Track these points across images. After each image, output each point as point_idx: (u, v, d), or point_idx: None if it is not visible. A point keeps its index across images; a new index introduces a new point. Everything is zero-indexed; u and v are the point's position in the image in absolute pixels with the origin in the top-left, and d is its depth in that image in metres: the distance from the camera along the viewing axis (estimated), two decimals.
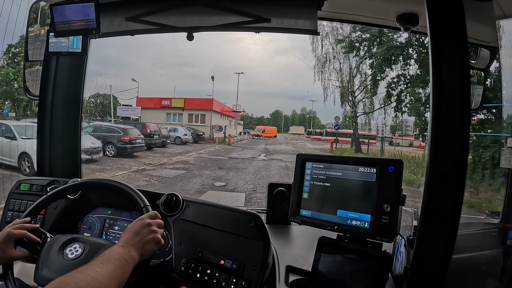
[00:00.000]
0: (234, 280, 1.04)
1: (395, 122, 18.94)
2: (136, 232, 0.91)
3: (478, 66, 1.52)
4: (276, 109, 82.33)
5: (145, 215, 0.98)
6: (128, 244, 0.87)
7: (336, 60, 18.62)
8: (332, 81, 18.94)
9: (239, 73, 44.71)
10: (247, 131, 41.97)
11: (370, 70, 18.37)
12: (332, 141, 22.61)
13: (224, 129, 24.79)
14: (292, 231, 1.49)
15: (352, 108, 19.13)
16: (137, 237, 0.89)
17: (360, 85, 19.01)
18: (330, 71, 18.86)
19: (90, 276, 0.72)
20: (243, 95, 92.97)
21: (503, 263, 1.40)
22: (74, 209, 1.31)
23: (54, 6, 1.28)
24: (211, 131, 24.46)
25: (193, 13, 1.37)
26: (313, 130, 40.78)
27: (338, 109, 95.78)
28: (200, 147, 19.37)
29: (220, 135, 24.15)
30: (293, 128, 54.11)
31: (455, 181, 0.89)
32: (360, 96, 19.06)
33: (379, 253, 1.00)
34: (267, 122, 63.43)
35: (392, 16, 1.40)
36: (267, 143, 26.45)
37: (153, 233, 0.93)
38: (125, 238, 0.89)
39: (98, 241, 0.99)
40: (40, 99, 1.65)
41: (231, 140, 23.48)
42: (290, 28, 1.35)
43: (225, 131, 24.68)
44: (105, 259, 0.80)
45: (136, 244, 0.88)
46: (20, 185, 1.43)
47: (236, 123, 34.90)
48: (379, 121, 20.26)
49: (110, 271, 0.76)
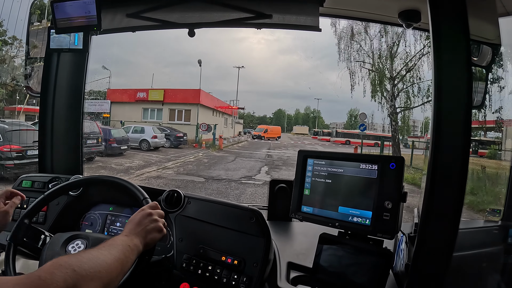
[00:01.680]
0: (236, 276, 1.05)
1: (404, 123, 15.19)
2: (138, 222, 0.92)
3: (480, 63, 1.51)
4: (279, 108, 78.52)
5: (145, 205, 0.99)
6: (131, 233, 0.88)
7: (366, 37, 13.72)
8: (358, 64, 13.80)
9: (239, 67, 39.56)
10: (248, 131, 38.07)
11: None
12: (354, 144, 19.17)
13: (214, 129, 19.12)
14: (293, 228, 1.49)
15: (390, 101, 13.85)
16: (139, 227, 0.91)
17: (403, 68, 13.65)
18: (357, 51, 14.08)
19: (91, 254, 0.73)
20: (246, 94, 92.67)
21: (504, 261, 1.41)
22: (75, 205, 1.32)
23: (55, 2, 1.28)
24: (196, 132, 19.22)
25: (194, 9, 1.37)
26: (320, 130, 37.03)
27: (344, 108, 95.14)
28: (176, 154, 14.35)
29: (209, 137, 19.46)
30: (296, 127, 51.52)
31: (456, 179, 0.89)
32: (399, 85, 13.94)
33: (380, 250, 1.01)
34: (270, 122, 60.62)
35: (394, 12, 1.40)
36: (270, 147, 21.43)
37: (155, 222, 0.94)
38: (127, 229, 0.90)
39: (100, 237, 1.00)
40: (42, 96, 1.65)
41: (222, 143, 18.76)
42: (292, 24, 1.34)
43: (214, 132, 19.21)
44: (108, 244, 0.80)
45: (139, 234, 0.89)
46: (22, 181, 1.44)
47: (233, 121, 30.19)
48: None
49: (113, 253, 0.77)
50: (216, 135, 19.33)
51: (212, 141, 19.10)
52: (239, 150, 18.28)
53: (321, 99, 52.07)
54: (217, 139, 18.97)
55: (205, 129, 18.77)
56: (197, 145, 18.30)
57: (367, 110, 76.48)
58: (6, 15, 5.37)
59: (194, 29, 1.39)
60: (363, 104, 49.75)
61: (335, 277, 1.04)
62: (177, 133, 17.61)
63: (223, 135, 19.70)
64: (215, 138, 19.10)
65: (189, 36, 1.39)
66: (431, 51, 0.94)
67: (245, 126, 42.65)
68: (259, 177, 9.90)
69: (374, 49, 13.98)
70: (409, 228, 1.17)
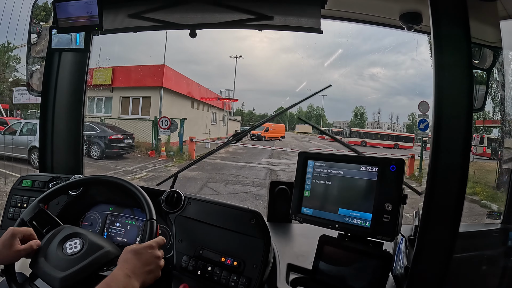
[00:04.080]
0: (235, 278, 1.05)
1: (412, 121, 13.16)
2: (145, 262, 0.90)
3: (481, 66, 1.51)
4: (280, 106, 78.79)
5: (155, 242, 0.96)
6: (134, 274, 0.86)
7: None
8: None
9: (237, 57, 33.51)
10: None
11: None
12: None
13: (179, 128, 12.11)
14: (293, 229, 1.49)
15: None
16: (144, 268, 0.89)
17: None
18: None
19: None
20: (248, 93, 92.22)
21: (504, 264, 1.41)
22: (75, 205, 1.32)
23: (57, 2, 1.28)
24: (154, 131, 12.15)
25: (196, 10, 1.37)
26: (329, 129, 32.87)
27: (346, 107, 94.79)
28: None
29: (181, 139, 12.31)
30: (300, 126, 47.14)
31: (456, 181, 0.89)
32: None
33: (380, 252, 1.00)
34: (271, 120, 59.78)
35: (396, 15, 1.40)
36: (272, 154, 14.70)
37: (158, 268, 0.93)
38: (132, 265, 0.88)
39: (98, 242, 0.99)
40: (43, 96, 1.65)
41: (194, 150, 11.57)
42: (293, 26, 1.34)
43: (181, 132, 12.20)
44: (107, 284, 0.80)
45: (141, 275, 0.88)
46: (22, 181, 1.44)
47: (225, 117, 23.56)
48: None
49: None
50: (186, 136, 12.21)
51: (179, 145, 12.14)
52: (224, 162, 11.39)
53: (326, 96, 50.89)
54: (186, 142, 12.00)
55: (166, 126, 11.59)
56: (153, 153, 11.60)
57: (374, 107, 74.92)
58: (6, 15, 5.36)
59: (195, 30, 1.39)
60: (366, 102, 49.04)
61: (334, 279, 1.04)
62: (114, 133, 10.67)
63: (195, 137, 12.17)
64: (182, 141, 12.06)
65: (191, 37, 1.39)
66: (432, 53, 0.94)
67: (244, 124, 37.92)
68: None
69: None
70: (409, 231, 1.17)
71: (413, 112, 12.56)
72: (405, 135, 20.24)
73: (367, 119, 48.11)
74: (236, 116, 33.17)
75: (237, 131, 17.73)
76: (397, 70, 71.50)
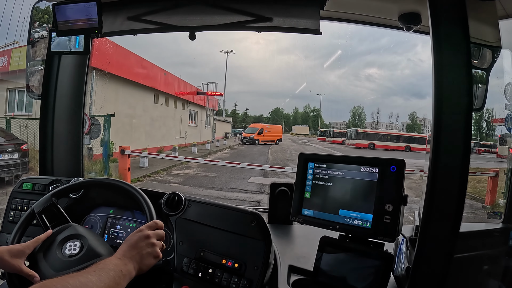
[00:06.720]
0: (236, 280, 1.05)
1: (412, 121, 13.25)
2: (134, 245, 0.87)
3: (480, 66, 1.51)
4: (276, 107, 69.98)
5: (144, 225, 0.94)
6: (125, 256, 0.84)
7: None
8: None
9: (228, 52, 32.37)
10: (239, 131, 28.63)
11: None
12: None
13: (104, 132, 7.45)
14: (294, 231, 1.49)
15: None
16: (134, 250, 0.86)
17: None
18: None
19: (79, 282, 0.69)
20: (243, 95, 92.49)
21: (505, 264, 1.40)
22: (76, 208, 1.31)
23: (56, 5, 1.28)
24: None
25: (195, 12, 1.37)
26: (330, 130, 29.26)
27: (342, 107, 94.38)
28: None
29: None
30: (296, 127, 46.28)
31: (457, 181, 0.89)
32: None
33: (381, 253, 1.00)
34: (267, 121, 52.42)
35: (395, 15, 1.40)
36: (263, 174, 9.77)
37: (152, 247, 0.89)
38: (122, 250, 0.86)
39: (97, 249, 0.98)
40: (43, 99, 1.65)
41: (129, 171, 7.28)
42: (292, 27, 1.34)
43: (107, 140, 7.59)
44: (99, 267, 0.76)
45: (133, 257, 0.85)
46: (23, 184, 1.44)
47: (209, 117, 19.77)
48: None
49: (102, 279, 0.72)
50: (116, 146, 8.06)
51: (103, 161, 7.82)
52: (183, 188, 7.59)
53: (324, 95, 49.82)
54: (111, 155, 7.96)
55: (85, 129, 6.75)
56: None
57: (371, 108, 73.80)
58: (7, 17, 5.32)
59: (195, 32, 1.39)
60: (363, 102, 48.93)
61: (335, 280, 1.04)
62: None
63: (130, 147, 7.68)
64: (107, 155, 7.81)
65: (190, 39, 1.39)
66: (432, 53, 0.94)
67: (236, 126, 35.08)
68: None
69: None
70: (410, 231, 1.17)
71: (413, 112, 12.48)
72: (417, 135, 18.49)
73: (365, 119, 47.90)
74: (227, 117, 30.56)
75: (227, 133, 16.42)
76: (393, 70, 71.49)
